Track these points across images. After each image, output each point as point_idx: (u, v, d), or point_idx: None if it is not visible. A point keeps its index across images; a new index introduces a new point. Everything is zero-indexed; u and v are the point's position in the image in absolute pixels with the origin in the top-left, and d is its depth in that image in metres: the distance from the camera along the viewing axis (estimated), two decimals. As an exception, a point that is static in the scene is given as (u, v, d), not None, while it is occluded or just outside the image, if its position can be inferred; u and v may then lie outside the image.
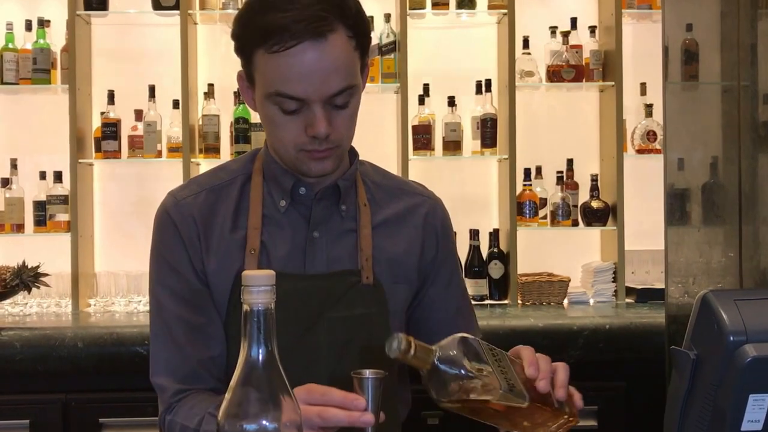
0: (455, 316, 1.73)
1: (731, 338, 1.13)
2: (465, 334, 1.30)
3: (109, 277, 3.60)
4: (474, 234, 3.65)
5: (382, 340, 1.58)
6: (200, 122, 3.72)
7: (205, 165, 3.78)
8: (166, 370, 1.57)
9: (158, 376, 1.58)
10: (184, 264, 1.57)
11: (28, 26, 3.69)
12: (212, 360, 1.56)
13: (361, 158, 1.68)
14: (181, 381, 1.55)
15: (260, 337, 0.99)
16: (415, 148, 3.68)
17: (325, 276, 1.57)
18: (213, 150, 3.69)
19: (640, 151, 3.75)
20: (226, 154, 3.72)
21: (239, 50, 1.49)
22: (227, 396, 0.98)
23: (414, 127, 3.69)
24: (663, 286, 3.56)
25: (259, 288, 0.99)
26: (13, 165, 3.66)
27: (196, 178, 1.68)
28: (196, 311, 1.56)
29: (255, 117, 3.56)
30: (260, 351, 0.99)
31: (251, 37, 1.44)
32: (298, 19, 1.38)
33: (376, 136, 3.74)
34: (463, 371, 1.24)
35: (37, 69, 3.65)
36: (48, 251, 3.54)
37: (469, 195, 3.89)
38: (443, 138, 3.73)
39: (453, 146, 3.71)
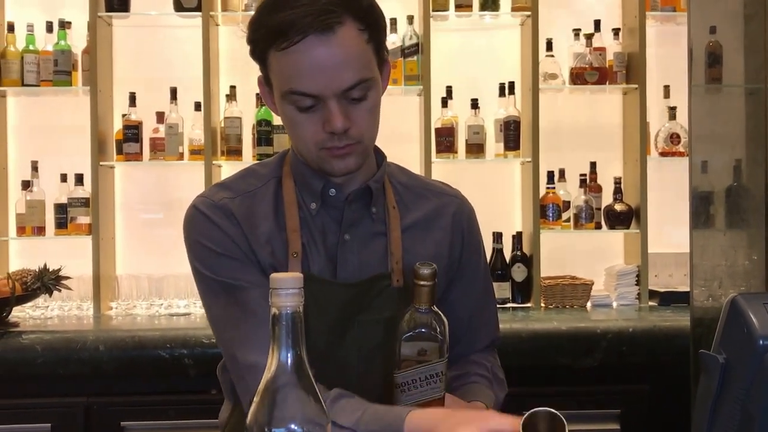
0: (473, 316, 1.73)
1: (761, 342, 1.11)
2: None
3: (131, 279, 3.61)
4: (497, 237, 3.62)
5: None
6: (222, 124, 3.71)
7: (226, 167, 3.77)
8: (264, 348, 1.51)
9: (254, 353, 1.46)
10: (232, 248, 1.52)
11: (49, 28, 3.69)
12: None
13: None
14: None
15: (288, 340, 0.98)
16: (438, 151, 3.67)
17: (359, 282, 1.56)
18: (235, 152, 3.68)
19: (663, 154, 3.72)
20: (248, 156, 3.71)
21: (254, 54, 1.49)
22: (255, 399, 0.98)
23: (437, 130, 3.67)
24: (686, 290, 3.53)
25: (287, 291, 0.98)
26: (34, 167, 3.67)
27: (225, 182, 1.63)
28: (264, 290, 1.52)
29: (277, 119, 3.55)
30: (289, 355, 0.98)
31: (262, 38, 1.44)
32: (304, 15, 1.38)
33: (398, 138, 3.72)
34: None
35: (58, 71, 3.65)
36: (69, 254, 3.56)
37: (492, 198, 3.86)
38: (466, 141, 3.71)
39: (476, 149, 3.69)
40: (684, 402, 2.57)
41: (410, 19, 3.69)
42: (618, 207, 3.68)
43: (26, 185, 3.66)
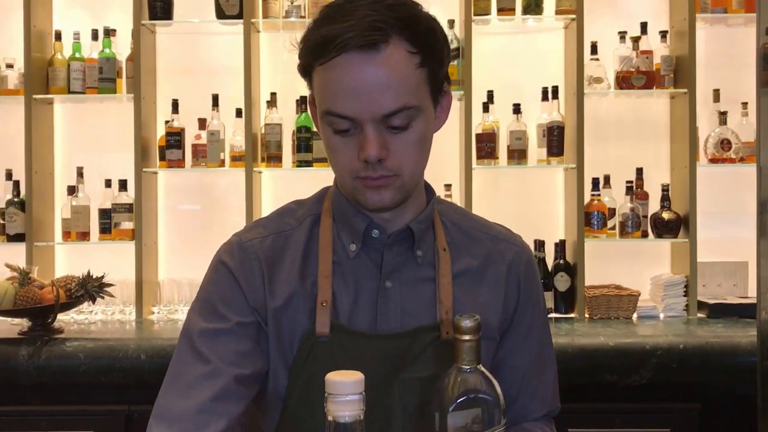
0: (524, 381, 1.53)
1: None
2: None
3: (172, 284, 3.62)
4: (539, 245, 3.56)
5: None
6: (263, 131, 3.70)
7: (267, 173, 3.77)
8: (165, 414, 1.38)
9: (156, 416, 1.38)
10: (231, 304, 1.42)
11: (95, 35, 3.72)
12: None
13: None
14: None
15: None
16: (479, 157, 3.62)
17: (401, 334, 1.40)
18: (275, 159, 3.67)
19: (713, 161, 3.63)
20: (287, 162, 3.70)
21: (301, 69, 1.37)
22: None
23: (478, 135, 3.62)
24: (735, 301, 3.46)
25: (344, 397, 0.87)
26: (80, 173, 3.70)
27: (261, 220, 1.53)
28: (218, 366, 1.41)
29: (317, 126, 3.53)
30: None
31: (307, 52, 1.33)
32: (349, 29, 1.26)
33: (438, 144, 3.61)
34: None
35: (103, 78, 3.68)
36: (112, 259, 3.58)
37: (535, 205, 3.81)
38: (508, 146, 3.65)
39: (518, 155, 3.64)
40: (736, 421, 2.50)
41: (451, 23, 3.65)
42: (666, 215, 3.59)
43: (71, 191, 3.70)
